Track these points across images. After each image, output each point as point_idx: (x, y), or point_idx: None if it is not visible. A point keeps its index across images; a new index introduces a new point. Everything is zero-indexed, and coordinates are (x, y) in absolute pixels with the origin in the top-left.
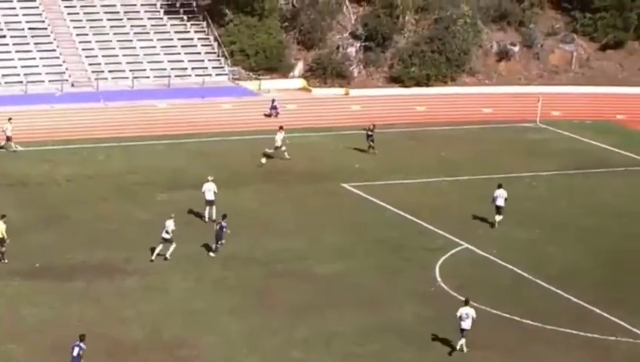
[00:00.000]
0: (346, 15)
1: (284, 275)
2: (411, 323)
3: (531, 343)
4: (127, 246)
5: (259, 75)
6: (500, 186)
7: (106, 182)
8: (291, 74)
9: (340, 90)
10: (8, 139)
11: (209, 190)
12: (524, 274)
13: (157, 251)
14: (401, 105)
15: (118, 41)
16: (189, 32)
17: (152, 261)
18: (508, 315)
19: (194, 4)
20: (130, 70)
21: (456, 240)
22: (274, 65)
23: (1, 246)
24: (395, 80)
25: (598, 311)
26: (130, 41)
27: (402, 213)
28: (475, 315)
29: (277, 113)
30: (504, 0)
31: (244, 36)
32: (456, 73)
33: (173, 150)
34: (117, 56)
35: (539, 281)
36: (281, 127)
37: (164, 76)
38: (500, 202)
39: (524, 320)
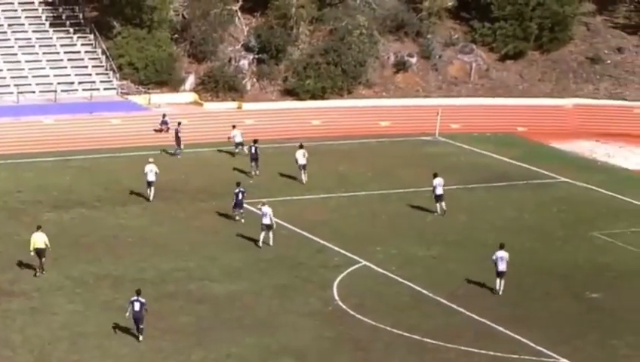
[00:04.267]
0: (239, 26)
1: (177, 296)
2: (309, 344)
3: None
4: (12, 267)
5: (148, 88)
6: (435, 176)
7: None
8: (182, 87)
9: (233, 104)
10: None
11: (151, 171)
12: (425, 291)
13: (261, 239)
14: (296, 119)
15: (2, 54)
16: (75, 45)
17: (259, 247)
18: (408, 334)
19: (80, 16)
20: (15, 85)
21: (355, 257)
22: (164, 79)
23: (42, 256)
24: (290, 93)
25: (500, 328)
26: (15, 54)
27: (299, 231)
28: (508, 258)
29: (167, 128)
30: (401, 10)
31: (132, 49)
32: (353, 85)
33: (61, 167)
34: (1, 70)
35: (440, 299)
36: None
37: (51, 91)
38: (440, 191)
39: (425, 339)
